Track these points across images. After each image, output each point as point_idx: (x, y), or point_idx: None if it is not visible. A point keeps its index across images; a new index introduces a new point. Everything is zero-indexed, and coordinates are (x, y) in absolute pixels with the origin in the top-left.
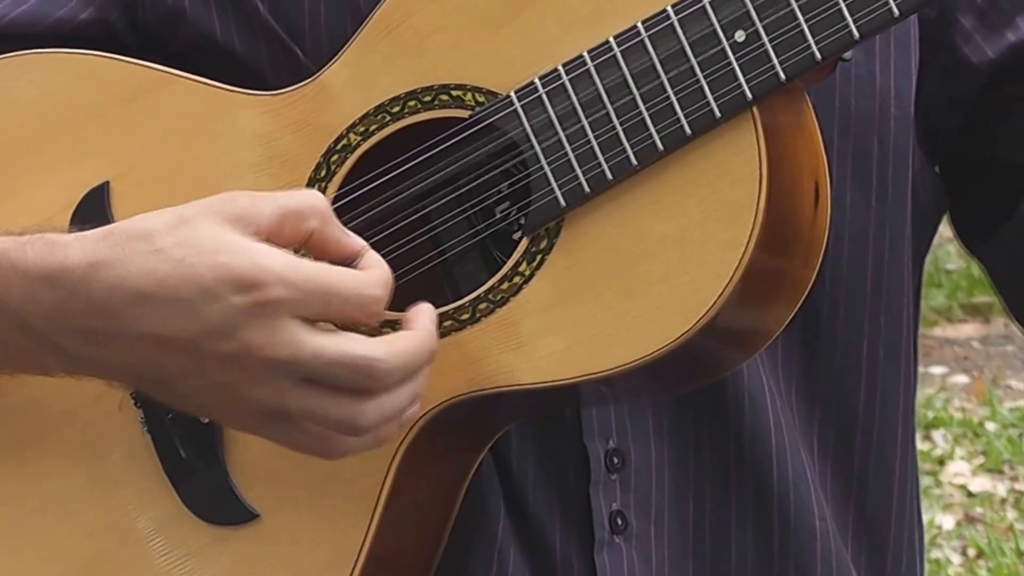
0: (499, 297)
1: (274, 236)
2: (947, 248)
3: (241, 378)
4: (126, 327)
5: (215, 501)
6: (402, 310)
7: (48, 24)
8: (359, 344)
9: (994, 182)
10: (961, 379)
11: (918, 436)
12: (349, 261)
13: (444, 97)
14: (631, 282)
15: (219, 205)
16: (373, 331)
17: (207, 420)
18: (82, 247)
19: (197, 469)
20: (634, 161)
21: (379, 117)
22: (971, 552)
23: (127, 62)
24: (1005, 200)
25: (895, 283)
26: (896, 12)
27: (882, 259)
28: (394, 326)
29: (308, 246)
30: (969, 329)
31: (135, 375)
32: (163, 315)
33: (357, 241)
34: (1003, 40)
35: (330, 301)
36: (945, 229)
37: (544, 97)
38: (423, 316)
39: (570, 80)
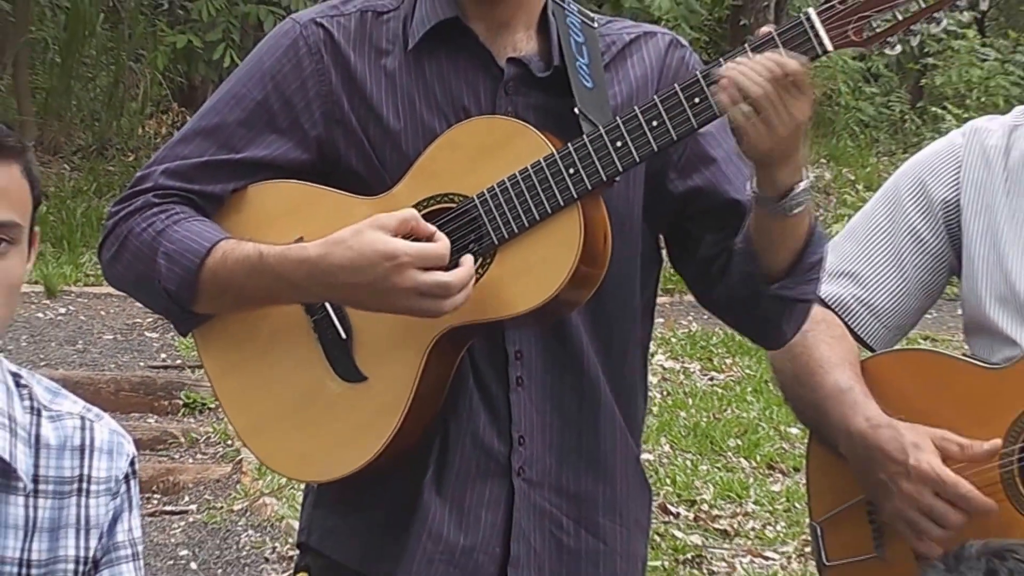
0: (474, 281)
1: (397, 232)
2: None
3: (391, 296)
4: (338, 281)
5: (347, 370)
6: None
7: (286, 161)
8: (442, 275)
9: (697, 263)
10: (659, 320)
11: None
12: (430, 238)
13: (446, 199)
14: (525, 276)
15: (371, 221)
16: (442, 269)
17: (347, 335)
18: (315, 248)
19: (339, 355)
20: (526, 224)
21: (418, 207)
22: (665, 393)
23: (311, 185)
24: (707, 273)
25: (630, 288)
26: (636, 159)
27: (627, 277)
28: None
29: (412, 233)
30: (664, 299)
31: (343, 299)
32: (352, 275)
33: (434, 229)
34: (684, 185)
35: (426, 259)
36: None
37: (488, 199)
38: (468, 261)
39: (499, 191)
